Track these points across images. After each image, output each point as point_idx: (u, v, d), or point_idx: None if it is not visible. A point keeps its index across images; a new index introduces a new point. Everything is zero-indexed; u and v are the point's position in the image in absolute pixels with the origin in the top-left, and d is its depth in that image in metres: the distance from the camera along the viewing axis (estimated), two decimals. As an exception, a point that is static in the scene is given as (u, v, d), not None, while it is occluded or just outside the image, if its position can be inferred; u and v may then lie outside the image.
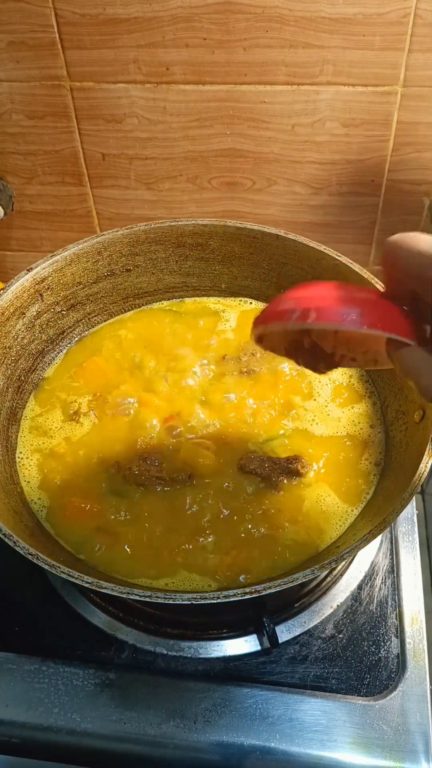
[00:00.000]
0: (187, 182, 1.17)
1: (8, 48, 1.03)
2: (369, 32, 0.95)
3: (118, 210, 1.23)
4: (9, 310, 0.80)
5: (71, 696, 0.74)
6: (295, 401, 0.83)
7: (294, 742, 0.71)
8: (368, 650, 0.77)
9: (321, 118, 1.05)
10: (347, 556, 0.59)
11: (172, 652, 0.77)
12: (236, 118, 1.07)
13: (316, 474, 0.77)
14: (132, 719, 0.72)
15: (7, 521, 0.64)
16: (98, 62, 1.03)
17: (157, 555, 0.70)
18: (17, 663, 0.77)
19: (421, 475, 0.64)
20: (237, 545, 0.71)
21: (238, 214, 1.20)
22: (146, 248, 0.91)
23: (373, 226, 1.19)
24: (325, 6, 0.93)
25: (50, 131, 1.13)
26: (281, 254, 0.89)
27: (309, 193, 1.16)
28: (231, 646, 0.77)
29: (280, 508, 0.73)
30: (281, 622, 0.78)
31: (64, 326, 0.90)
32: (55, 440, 0.80)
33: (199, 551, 0.70)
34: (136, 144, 1.12)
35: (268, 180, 1.15)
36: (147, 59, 1.02)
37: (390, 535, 0.88)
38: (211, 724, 0.72)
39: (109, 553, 0.71)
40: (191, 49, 1.00)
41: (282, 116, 1.06)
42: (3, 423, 0.79)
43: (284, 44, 0.97)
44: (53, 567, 0.58)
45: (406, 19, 0.93)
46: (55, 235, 1.29)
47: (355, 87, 1.01)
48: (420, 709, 0.72)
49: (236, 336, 0.91)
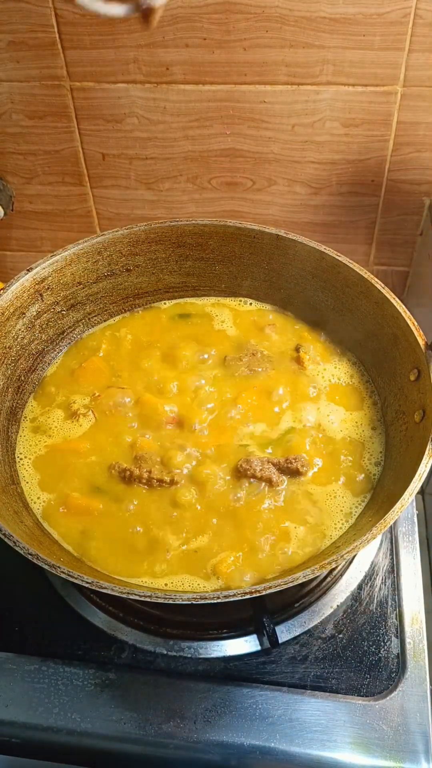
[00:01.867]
0: (187, 182, 1.17)
1: (8, 48, 1.03)
2: (369, 32, 0.95)
3: (118, 210, 1.23)
4: (9, 310, 0.80)
5: (71, 696, 0.74)
6: (295, 401, 0.83)
7: (294, 742, 0.71)
8: (368, 650, 0.77)
9: (321, 118, 1.05)
10: (347, 555, 0.59)
11: (172, 652, 0.77)
12: (236, 118, 1.07)
13: (315, 474, 0.76)
14: (132, 719, 0.72)
15: (7, 521, 0.64)
16: (98, 62, 1.03)
17: (157, 555, 0.70)
18: (17, 663, 0.76)
19: (421, 475, 0.64)
20: (237, 545, 0.71)
21: (238, 214, 1.20)
22: (146, 248, 0.91)
23: (373, 226, 1.19)
24: (325, 6, 0.93)
25: (50, 131, 1.13)
26: (281, 254, 0.89)
27: (309, 193, 1.16)
28: (231, 646, 0.77)
29: (280, 508, 0.73)
30: (281, 622, 0.78)
31: (64, 326, 0.90)
32: (54, 440, 0.80)
33: (199, 551, 0.70)
34: (136, 144, 1.12)
35: (268, 180, 1.15)
36: (147, 59, 1.02)
37: (390, 535, 0.88)
38: (211, 724, 0.72)
39: (110, 553, 0.70)
40: (191, 49, 1.00)
41: (282, 116, 1.06)
42: (3, 423, 0.79)
43: (284, 44, 0.97)
44: (53, 567, 0.58)
45: (406, 19, 0.93)
46: (55, 235, 1.29)
47: (355, 87, 1.01)
48: (420, 709, 0.72)
49: (236, 336, 0.91)
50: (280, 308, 0.95)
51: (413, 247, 1.21)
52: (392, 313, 0.79)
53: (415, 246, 1.21)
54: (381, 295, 0.80)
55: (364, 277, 0.82)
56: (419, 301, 1.21)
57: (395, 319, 0.79)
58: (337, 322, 0.90)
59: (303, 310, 0.93)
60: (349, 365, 0.88)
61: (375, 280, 0.82)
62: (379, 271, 1.26)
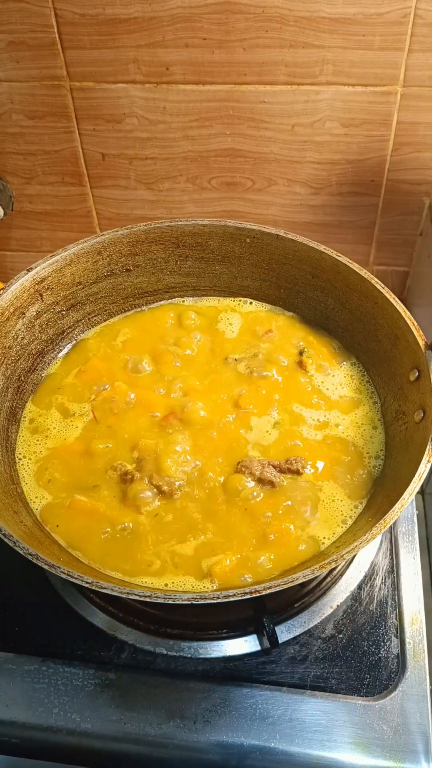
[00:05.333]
0: (187, 182, 1.17)
1: (8, 48, 1.03)
2: (369, 32, 0.95)
3: (118, 210, 1.23)
4: (9, 310, 0.80)
5: (71, 696, 0.74)
6: (295, 402, 0.83)
7: (294, 742, 0.71)
8: (368, 650, 0.77)
9: (321, 118, 1.05)
10: (347, 555, 0.59)
11: (172, 652, 0.77)
12: (236, 118, 1.07)
13: (315, 475, 0.77)
14: (132, 719, 0.72)
15: (7, 521, 0.64)
16: (98, 62, 1.03)
17: (157, 555, 0.70)
18: (17, 663, 0.76)
19: (421, 475, 0.64)
20: (237, 545, 0.71)
21: (237, 214, 1.20)
22: (146, 248, 0.91)
23: (373, 226, 1.19)
24: (325, 6, 0.93)
25: (50, 131, 1.13)
26: (281, 254, 0.89)
27: (309, 193, 1.16)
28: (231, 646, 0.77)
29: (280, 508, 0.73)
30: (281, 622, 0.78)
31: (64, 326, 0.90)
32: (54, 440, 0.80)
33: (199, 551, 0.70)
34: (136, 144, 1.12)
35: (267, 180, 1.15)
36: (147, 59, 1.02)
37: (390, 535, 0.88)
38: (211, 724, 0.72)
39: (109, 553, 0.70)
40: (191, 49, 1.00)
41: (282, 116, 1.06)
42: (3, 423, 0.79)
43: (284, 44, 0.97)
44: (53, 567, 0.58)
45: (406, 19, 0.93)
46: (55, 235, 1.29)
47: (355, 87, 1.01)
48: (420, 709, 0.72)
49: (236, 336, 0.91)
50: (280, 308, 0.95)
51: (413, 247, 1.21)
52: (392, 313, 0.79)
53: (415, 246, 1.21)
54: (381, 295, 0.80)
55: (364, 277, 0.82)
56: (419, 301, 1.21)
57: (395, 319, 0.79)
58: (337, 322, 0.90)
59: (303, 310, 0.93)
60: (348, 365, 0.88)
61: (375, 280, 0.82)
62: (379, 271, 1.26)
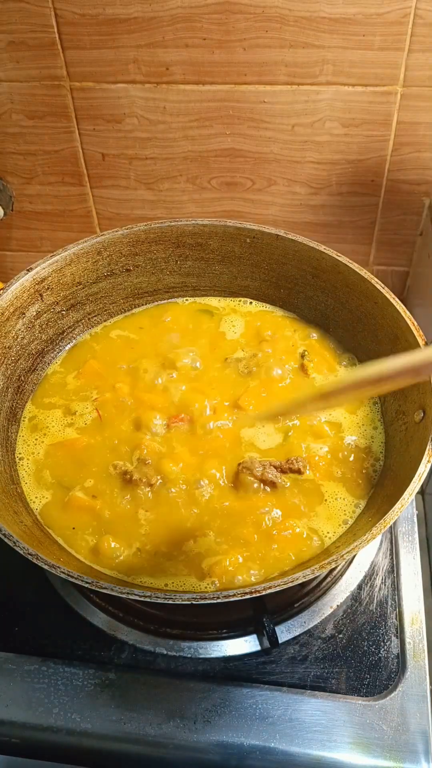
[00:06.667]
0: (187, 182, 1.17)
1: (8, 48, 1.03)
2: (369, 32, 0.95)
3: (118, 210, 1.23)
4: (9, 310, 0.80)
5: (71, 696, 0.74)
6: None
7: (294, 742, 0.71)
8: (368, 650, 0.77)
9: (321, 118, 1.05)
10: (347, 555, 0.59)
11: (172, 652, 0.77)
12: (236, 118, 1.07)
13: (315, 475, 0.76)
14: (132, 719, 0.72)
15: (7, 521, 0.64)
16: (98, 62, 1.03)
17: (157, 555, 0.70)
18: (17, 663, 0.76)
19: (421, 475, 0.64)
20: (237, 546, 0.71)
21: (237, 214, 1.20)
22: (146, 248, 0.91)
23: (372, 226, 1.19)
24: (325, 6, 0.93)
25: (50, 131, 1.13)
26: (281, 254, 0.89)
27: (309, 193, 1.16)
28: (231, 646, 0.77)
29: (280, 508, 0.73)
30: (281, 622, 0.78)
31: (64, 326, 0.90)
32: (54, 440, 0.80)
33: (200, 551, 0.70)
34: (136, 144, 1.12)
35: (267, 180, 1.15)
36: (147, 59, 1.02)
37: (390, 535, 0.88)
38: (211, 724, 0.72)
39: (109, 553, 0.70)
40: (191, 49, 1.00)
41: (282, 116, 1.06)
42: (3, 423, 0.79)
43: (284, 44, 0.97)
44: (53, 567, 0.58)
45: (406, 19, 0.93)
46: (55, 235, 1.29)
47: (355, 87, 1.01)
48: (420, 709, 0.72)
49: (236, 336, 0.91)
50: (280, 308, 0.95)
51: (413, 247, 1.21)
52: (392, 313, 0.79)
53: (415, 246, 1.21)
54: (381, 295, 0.80)
55: (364, 277, 0.82)
56: (419, 301, 1.21)
57: (395, 319, 0.79)
58: (337, 322, 0.90)
59: (303, 310, 0.93)
60: (348, 365, 0.88)
61: (375, 280, 0.82)
62: (379, 271, 1.26)
